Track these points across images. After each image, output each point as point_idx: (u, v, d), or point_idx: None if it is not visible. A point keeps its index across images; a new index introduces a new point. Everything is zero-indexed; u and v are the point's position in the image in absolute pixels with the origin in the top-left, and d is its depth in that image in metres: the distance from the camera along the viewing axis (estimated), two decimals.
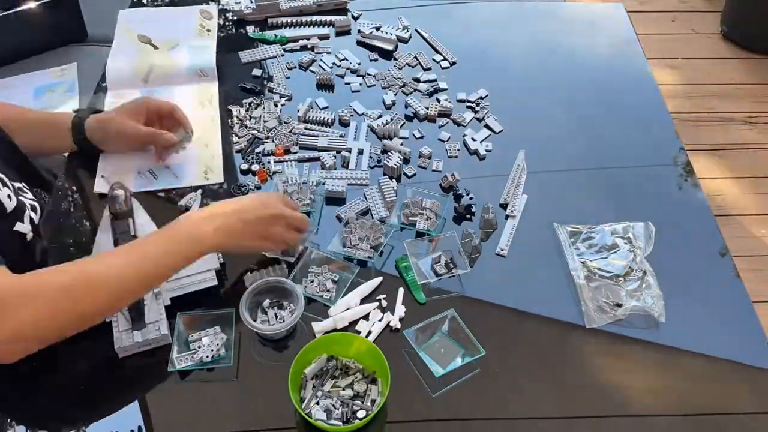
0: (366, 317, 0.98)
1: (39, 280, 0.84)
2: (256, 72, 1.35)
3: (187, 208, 1.10)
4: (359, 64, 1.37)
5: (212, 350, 0.91)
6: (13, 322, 0.80)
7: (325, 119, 1.25)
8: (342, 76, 1.34)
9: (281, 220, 0.96)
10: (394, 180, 1.15)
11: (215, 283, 0.99)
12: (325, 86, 1.33)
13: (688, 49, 2.68)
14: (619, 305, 0.98)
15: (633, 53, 1.41)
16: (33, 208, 1.03)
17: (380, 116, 1.26)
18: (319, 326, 0.96)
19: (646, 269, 1.02)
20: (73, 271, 0.87)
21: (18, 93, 1.68)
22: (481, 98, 1.30)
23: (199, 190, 1.14)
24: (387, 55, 1.39)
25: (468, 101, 1.29)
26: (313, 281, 1.00)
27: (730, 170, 2.25)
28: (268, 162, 1.18)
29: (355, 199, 1.12)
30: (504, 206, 1.12)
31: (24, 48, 1.76)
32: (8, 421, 0.89)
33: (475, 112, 1.28)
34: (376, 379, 0.90)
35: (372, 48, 1.41)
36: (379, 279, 1.02)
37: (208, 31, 1.41)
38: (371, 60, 1.39)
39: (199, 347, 0.91)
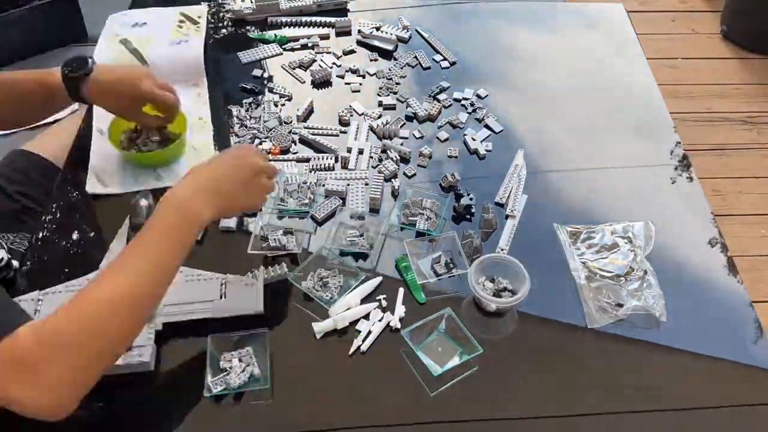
0: (366, 317, 0.98)
1: (56, 328, 0.75)
2: (256, 72, 1.35)
3: None
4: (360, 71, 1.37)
5: (246, 374, 0.89)
6: (44, 379, 0.73)
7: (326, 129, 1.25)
8: (342, 77, 1.35)
9: (259, 171, 0.93)
10: (394, 180, 1.15)
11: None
12: (324, 86, 1.33)
13: (688, 49, 2.67)
14: (621, 305, 0.98)
15: (633, 53, 1.41)
16: (8, 265, 1.04)
17: (380, 116, 1.26)
18: (319, 326, 0.96)
19: (646, 269, 1.02)
20: (82, 306, 0.77)
21: None
22: (481, 98, 1.30)
23: None
24: (387, 55, 1.39)
25: (466, 98, 1.30)
26: (313, 281, 1.01)
27: (730, 170, 2.25)
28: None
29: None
30: (501, 205, 1.12)
31: (24, 48, 1.76)
32: None
33: (474, 111, 1.28)
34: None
35: (372, 48, 1.41)
36: (379, 279, 1.02)
37: (197, 26, 1.41)
38: (371, 60, 1.39)
39: (231, 368, 0.89)
